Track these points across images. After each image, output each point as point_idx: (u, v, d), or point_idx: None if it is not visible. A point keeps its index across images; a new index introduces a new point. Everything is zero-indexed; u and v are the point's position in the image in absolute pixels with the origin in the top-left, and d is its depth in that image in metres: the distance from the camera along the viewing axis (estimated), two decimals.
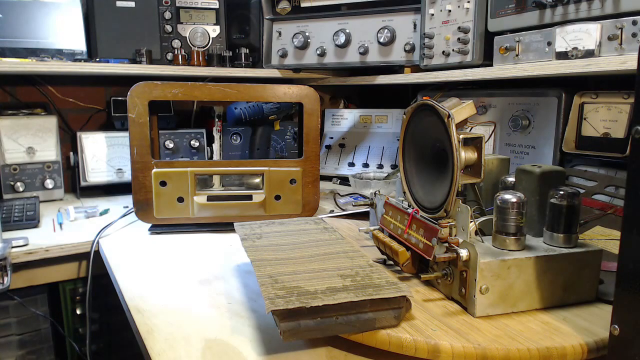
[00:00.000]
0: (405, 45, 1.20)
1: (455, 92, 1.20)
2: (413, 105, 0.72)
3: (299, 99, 1.05)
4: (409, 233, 0.71)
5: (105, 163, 1.37)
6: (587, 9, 0.81)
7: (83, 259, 1.02)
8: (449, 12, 1.06)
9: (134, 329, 0.66)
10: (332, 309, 0.53)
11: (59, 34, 1.30)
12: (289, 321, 0.52)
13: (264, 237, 0.75)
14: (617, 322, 0.44)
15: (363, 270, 0.62)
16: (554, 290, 0.61)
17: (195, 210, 1.02)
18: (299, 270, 0.62)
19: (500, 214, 0.61)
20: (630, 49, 0.75)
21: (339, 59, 1.32)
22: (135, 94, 0.98)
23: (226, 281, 0.77)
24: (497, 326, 0.56)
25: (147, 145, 0.99)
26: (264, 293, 0.55)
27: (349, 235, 0.94)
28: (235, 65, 1.44)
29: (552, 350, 0.52)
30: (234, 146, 1.53)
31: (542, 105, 1.03)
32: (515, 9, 0.92)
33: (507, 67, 0.95)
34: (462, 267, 0.60)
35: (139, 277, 0.79)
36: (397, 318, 0.56)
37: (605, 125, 0.92)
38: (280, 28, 1.38)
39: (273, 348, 0.57)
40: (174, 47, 1.40)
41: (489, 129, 1.12)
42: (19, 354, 1.02)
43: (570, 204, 0.61)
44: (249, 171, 1.05)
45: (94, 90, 1.49)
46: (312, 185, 1.06)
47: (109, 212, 1.20)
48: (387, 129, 1.56)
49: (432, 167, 0.71)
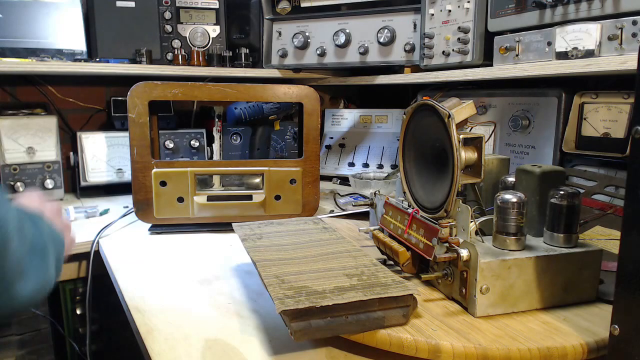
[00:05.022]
0: (405, 45, 1.20)
1: (455, 92, 1.20)
2: (413, 105, 0.72)
3: (299, 99, 1.05)
4: (409, 233, 0.71)
5: (105, 163, 1.37)
6: (587, 9, 0.81)
7: (83, 259, 1.02)
8: (449, 12, 1.06)
9: (134, 329, 0.66)
10: (342, 309, 0.54)
11: (59, 34, 1.30)
12: (299, 321, 0.52)
13: (265, 238, 0.74)
14: (617, 322, 0.44)
15: (368, 270, 0.62)
16: (554, 290, 0.61)
17: (195, 210, 1.02)
18: (304, 270, 0.62)
19: (501, 214, 0.61)
20: (630, 49, 0.76)
21: (339, 59, 1.32)
22: (135, 94, 0.98)
23: (226, 281, 0.77)
24: (498, 326, 0.56)
25: (147, 145, 0.99)
26: (272, 293, 0.55)
27: (349, 235, 0.94)
28: (235, 65, 1.44)
29: (553, 350, 0.52)
30: (234, 146, 1.53)
31: (542, 105, 1.03)
32: (515, 9, 0.92)
33: (507, 67, 0.95)
34: (462, 267, 0.60)
35: (139, 277, 0.79)
36: (405, 316, 0.56)
37: (605, 125, 0.92)
38: (280, 28, 1.38)
39: (273, 348, 0.57)
40: (174, 47, 1.40)
41: (489, 129, 1.12)
42: (19, 354, 1.02)
43: (570, 204, 0.61)
44: (249, 171, 1.05)
45: (94, 90, 1.49)
46: (312, 185, 1.06)
47: (109, 212, 1.20)
48: (387, 129, 1.56)
49: (432, 167, 0.71)
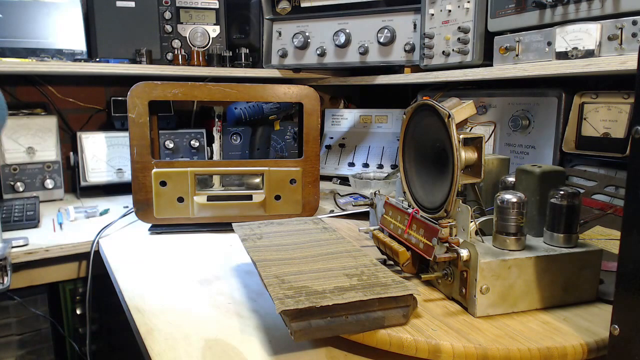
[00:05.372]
0: (405, 45, 1.20)
1: (455, 92, 1.20)
2: (413, 105, 0.72)
3: (299, 99, 1.05)
4: (409, 233, 0.71)
5: (105, 163, 1.37)
6: (587, 9, 0.81)
7: (83, 259, 1.02)
8: (449, 12, 1.06)
9: (134, 329, 0.66)
10: (342, 308, 0.54)
11: (59, 34, 1.30)
12: (299, 321, 0.52)
13: (265, 238, 0.74)
14: (617, 322, 0.44)
15: (368, 270, 0.62)
16: (554, 290, 0.61)
17: (195, 210, 1.02)
18: (304, 270, 0.62)
19: (501, 214, 0.61)
20: (630, 49, 0.75)
21: (339, 59, 1.32)
22: (135, 94, 0.98)
23: (226, 281, 0.77)
24: (498, 326, 0.56)
25: (147, 145, 0.99)
26: (272, 293, 0.55)
27: (349, 235, 0.94)
28: (235, 65, 1.44)
29: (553, 350, 0.52)
30: (234, 146, 1.53)
31: (542, 105, 1.03)
32: (515, 9, 0.92)
33: (507, 67, 0.95)
34: (462, 267, 0.60)
35: (139, 277, 0.79)
36: (405, 316, 0.56)
37: (605, 125, 0.92)
38: (280, 28, 1.38)
39: (274, 348, 0.57)
40: (174, 47, 1.40)
41: (489, 129, 1.12)
42: (19, 354, 1.02)
43: (570, 204, 0.61)
44: (249, 171, 1.05)
45: (94, 90, 1.49)
46: (312, 185, 1.06)
47: (109, 212, 1.20)
48: (387, 129, 1.56)
49: (432, 167, 0.71)
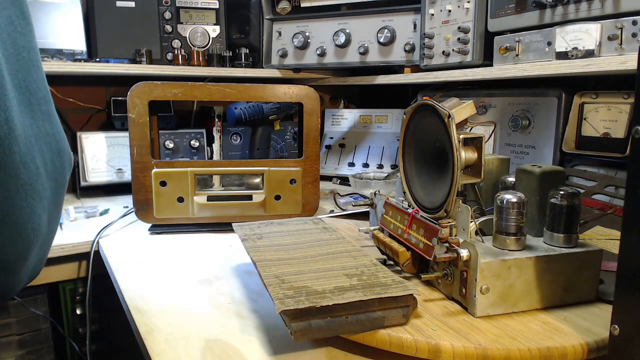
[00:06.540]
0: (405, 45, 1.20)
1: (455, 92, 1.20)
2: (413, 105, 0.72)
3: (299, 99, 1.05)
4: (409, 233, 0.71)
5: (105, 163, 1.37)
6: (587, 9, 0.81)
7: (83, 259, 1.02)
8: (449, 12, 1.06)
9: (134, 329, 0.66)
10: (342, 308, 0.54)
11: (59, 34, 1.30)
12: (299, 321, 0.52)
13: (265, 238, 0.74)
14: (617, 322, 0.44)
15: (368, 270, 0.62)
16: (554, 290, 0.61)
17: (195, 210, 1.02)
18: (304, 270, 0.62)
19: (501, 214, 0.61)
20: (630, 49, 0.75)
21: (339, 59, 1.32)
22: (135, 94, 0.98)
23: (226, 281, 0.77)
24: (498, 326, 0.56)
25: (147, 145, 0.99)
26: (272, 293, 0.55)
27: (349, 235, 0.94)
28: (235, 65, 1.44)
29: (553, 350, 0.52)
30: (234, 146, 1.53)
31: (542, 105, 1.03)
32: (515, 9, 0.92)
33: (507, 67, 0.95)
34: (462, 267, 0.60)
35: (139, 277, 0.79)
36: (405, 316, 0.56)
37: (605, 125, 0.92)
38: (280, 28, 1.38)
39: (273, 348, 0.57)
40: (174, 47, 1.40)
41: (489, 129, 1.12)
42: (19, 354, 1.02)
43: (570, 204, 0.61)
44: (249, 171, 1.05)
45: (94, 90, 1.49)
46: (312, 185, 1.06)
47: (109, 212, 1.20)
48: (387, 129, 1.56)
49: (432, 167, 0.71)
